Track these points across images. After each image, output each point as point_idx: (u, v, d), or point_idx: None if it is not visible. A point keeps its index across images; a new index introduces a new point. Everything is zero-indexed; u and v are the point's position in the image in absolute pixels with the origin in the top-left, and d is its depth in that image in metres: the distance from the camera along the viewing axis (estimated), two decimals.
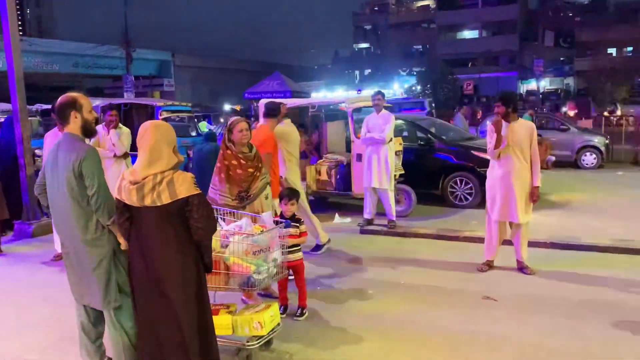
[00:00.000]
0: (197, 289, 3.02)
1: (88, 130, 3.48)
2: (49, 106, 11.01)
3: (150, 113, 11.37)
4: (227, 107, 16.40)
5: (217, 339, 3.29)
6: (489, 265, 5.89)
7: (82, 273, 3.39)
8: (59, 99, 3.47)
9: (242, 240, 3.70)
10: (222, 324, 3.68)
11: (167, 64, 42.75)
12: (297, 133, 6.48)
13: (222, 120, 20.81)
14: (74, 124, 3.41)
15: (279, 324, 3.93)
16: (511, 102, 5.55)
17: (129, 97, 30.38)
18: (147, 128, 3.01)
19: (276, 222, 4.14)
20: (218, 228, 3.86)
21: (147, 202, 2.88)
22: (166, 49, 44.12)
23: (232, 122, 4.78)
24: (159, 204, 2.88)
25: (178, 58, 43.81)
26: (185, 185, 2.91)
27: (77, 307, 3.57)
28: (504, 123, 5.55)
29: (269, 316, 3.77)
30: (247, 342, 3.75)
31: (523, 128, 5.57)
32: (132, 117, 11.40)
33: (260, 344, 3.80)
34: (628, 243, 6.45)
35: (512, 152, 5.51)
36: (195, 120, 13.59)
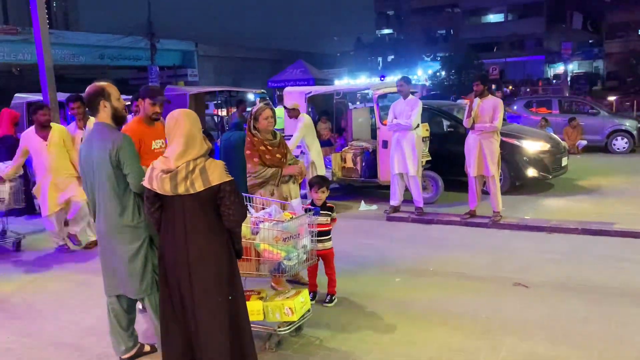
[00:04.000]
0: (229, 275, 3.04)
1: (118, 118, 3.53)
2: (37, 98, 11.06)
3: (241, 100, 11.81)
4: (250, 95, 16.39)
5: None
6: (471, 214, 7.20)
7: (118, 262, 3.44)
8: (87, 88, 3.51)
9: (271, 227, 3.73)
10: (253, 309, 3.72)
11: (190, 54, 42.95)
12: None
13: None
14: (104, 113, 3.47)
15: (309, 310, 3.96)
16: (487, 82, 7.17)
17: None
18: (178, 116, 3.01)
19: (306, 210, 4.16)
20: (248, 215, 3.89)
21: (181, 190, 2.90)
22: (189, 39, 44.32)
23: (257, 109, 4.79)
24: (192, 192, 2.90)
25: (201, 48, 43.96)
26: (217, 173, 2.93)
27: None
28: (476, 99, 6.91)
29: (299, 302, 3.80)
30: (278, 327, 3.79)
31: (490, 103, 6.84)
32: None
33: (291, 329, 3.83)
34: None
35: (481, 122, 6.87)
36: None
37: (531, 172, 8.75)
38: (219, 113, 14.48)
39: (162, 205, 3.02)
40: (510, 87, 38.53)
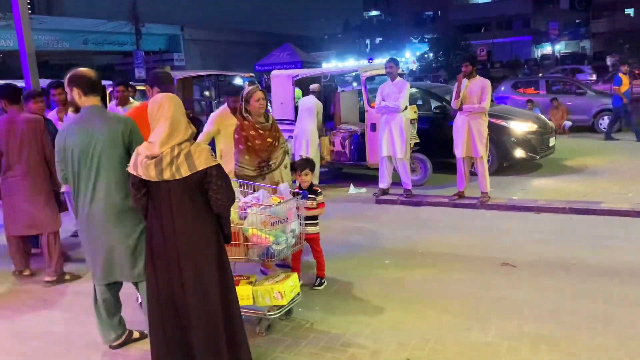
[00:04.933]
0: (218, 260, 3.02)
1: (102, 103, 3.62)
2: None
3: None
4: (238, 79, 16.28)
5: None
6: (460, 195, 7.19)
7: (116, 246, 3.38)
8: (87, 72, 3.49)
9: (260, 212, 3.71)
10: (242, 294, 3.71)
11: (176, 38, 42.51)
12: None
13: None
14: (98, 97, 3.53)
15: (299, 294, 3.96)
16: (476, 63, 7.08)
17: (139, 73, 30.32)
18: (161, 100, 2.96)
19: (294, 194, 4.13)
20: (236, 200, 3.86)
21: (166, 176, 2.87)
22: (175, 23, 43.83)
23: (248, 92, 4.72)
24: (178, 177, 2.87)
25: (187, 32, 43.53)
26: (203, 157, 2.89)
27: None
28: (464, 80, 6.85)
29: (288, 286, 3.80)
30: (268, 312, 3.79)
31: (478, 84, 6.81)
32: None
33: (281, 313, 3.84)
34: None
35: (470, 103, 6.82)
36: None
37: (519, 153, 8.78)
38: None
39: (149, 191, 2.98)
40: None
